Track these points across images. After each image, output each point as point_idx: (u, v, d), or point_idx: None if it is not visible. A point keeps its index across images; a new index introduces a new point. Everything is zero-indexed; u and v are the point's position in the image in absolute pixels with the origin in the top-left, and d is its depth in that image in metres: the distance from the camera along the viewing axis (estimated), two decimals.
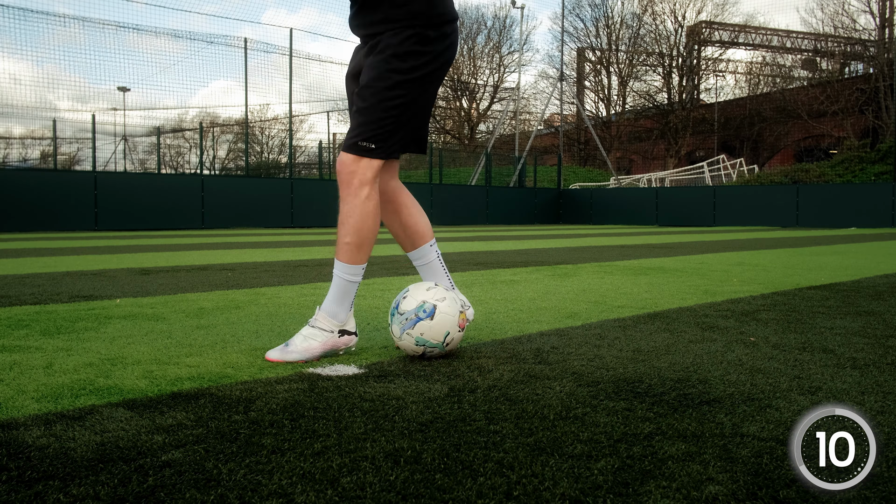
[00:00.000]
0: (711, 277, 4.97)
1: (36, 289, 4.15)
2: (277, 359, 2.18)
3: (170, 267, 5.82)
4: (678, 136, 42.45)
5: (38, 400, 1.73)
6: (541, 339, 2.58)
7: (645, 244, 10.19)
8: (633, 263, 6.30)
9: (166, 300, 3.65)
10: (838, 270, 5.54)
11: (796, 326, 2.86)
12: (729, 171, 31.89)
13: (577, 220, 27.56)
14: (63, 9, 30.80)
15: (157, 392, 1.81)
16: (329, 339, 2.24)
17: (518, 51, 41.00)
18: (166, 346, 2.43)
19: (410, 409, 1.67)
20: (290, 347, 2.21)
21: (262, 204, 19.63)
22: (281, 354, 2.19)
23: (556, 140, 37.94)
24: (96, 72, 25.01)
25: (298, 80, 28.95)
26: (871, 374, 2.04)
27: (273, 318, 3.07)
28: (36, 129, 22.95)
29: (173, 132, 33.08)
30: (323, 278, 4.84)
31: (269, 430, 1.50)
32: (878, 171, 25.71)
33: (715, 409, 1.67)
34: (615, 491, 1.19)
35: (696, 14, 43.19)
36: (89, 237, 12.78)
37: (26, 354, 2.27)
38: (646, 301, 3.66)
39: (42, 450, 1.37)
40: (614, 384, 1.90)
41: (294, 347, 2.21)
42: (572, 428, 1.52)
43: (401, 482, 1.22)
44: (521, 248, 8.89)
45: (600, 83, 46.52)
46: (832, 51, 38.68)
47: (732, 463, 1.32)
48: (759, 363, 2.18)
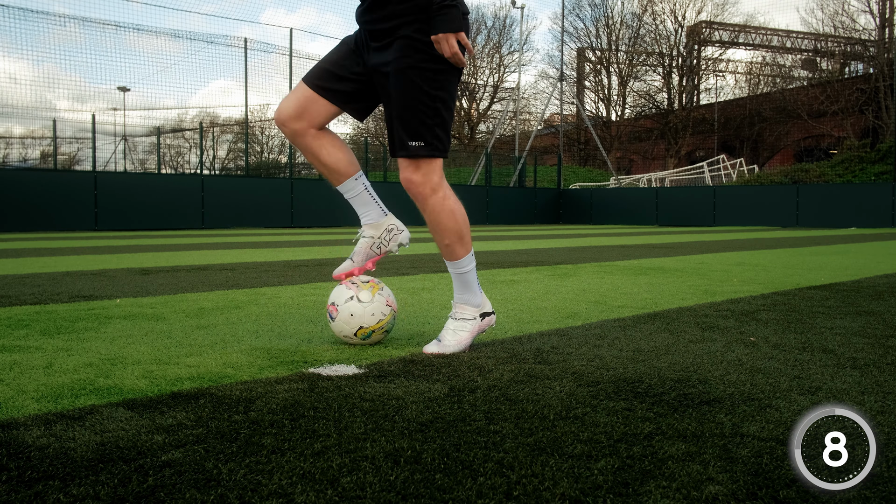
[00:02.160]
0: (711, 277, 4.97)
1: (36, 289, 4.15)
2: (436, 352, 2.30)
3: (170, 267, 5.82)
4: (678, 136, 42.44)
5: (38, 400, 1.73)
6: (541, 339, 2.58)
7: (645, 244, 10.19)
8: (633, 263, 6.30)
9: (166, 300, 3.65)
10: (838, 270, 5.54)
11: (796, 326, 2.86)
12: (729, 171, 31.89)
13: (577, 220, 27.56)
14: (62, 9, 30.78)
15: (157, 392, 1.81)
16: (475, 325, 2.40)
17: (518, 51, 41.01)
18: (166, 346, 2.43)
19: (410, 409, 1.67)
20: (444, 342, 2.34)
21: (262, 204, 19.62)
22: (438, 348, 2.32)
23: (556, 140, 37.93)
24: (96, 72, 25.04)
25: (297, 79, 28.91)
26: (871, 374, 2.04)
27: (273, 318, 3.07)
28: (36, 128, 22.98)
29: (173, 132, 33.11)
30: (323, 278, 4.84)
31: (269, 430, 1.50)
32: (878, 171, 25.70)
33: (715, 409, 1.67)
34: (615, 491, 1.19)
35: (696, 14, 43.21)
36: (89, 237, 12.78)
37: (26, 354, 2.27)
38: (646, 301, 3.66)
39: (42, 450, 1.37)
40: (614, 384, 1.90)
41: (447, 342, 2.34)
42: (572, 428, 1.52)
43: (401, 482, 1.22)
44: (521, 248, 8.89)
45: (600, 83, 46.53)
46: (832, 51, 38.68)
47: (732, 463, 1.32)
48: (759, 363, 2.18)
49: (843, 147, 30.74)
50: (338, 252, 8.00)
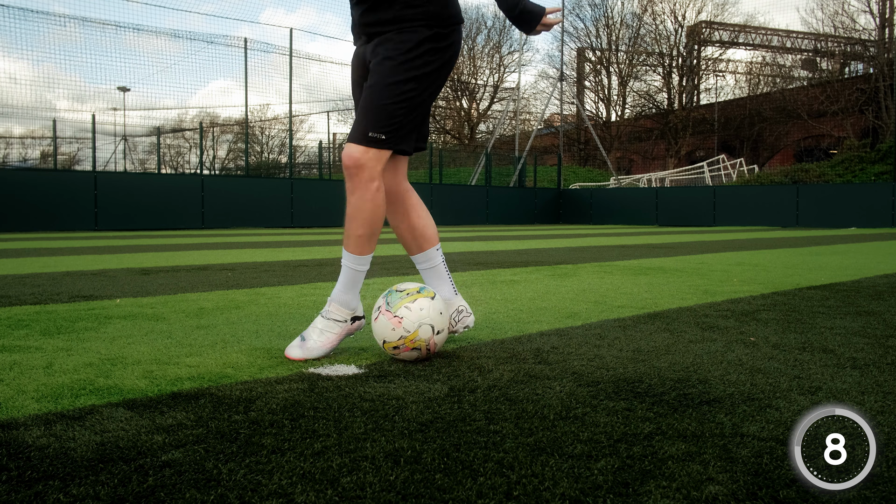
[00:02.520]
0: (711, 277, 4.97)
1: (36, 289, 4.15)
2: (299, 357, 2.22)
3: (170, 267, 5.82)
4: (678, 136, 42.44)
5: (38, 400, 1.73)
6: (541, 339, 2.58)
7: (645, 244, 10.19)
8: (633, 263, 6.30)
9: (166, 300, 3.65)
10: (838, 270, 5.54)
11: (796, 326, 2.86)
12: (729, 171, 31.89)
13: (577, 220, 27.56)
14: (62, 9, 30.81)
15: (157, 392, 1.81)
16: (344, 328, 2.33)
17: (518, 51, 41.02)
18: (166, 346, 2.43)
19: (410, 409, 1.67)
20: (310, 344, 2.25)
21: (262, 204, 19.63)
22: (303, 353, 2.23)
23: (556, 140, 37.93)
24: (96, 72, 25.01)
25: (297, 79, 28.96)
26: (871, 374, 2.04)
27: (273, 318, 3.07)
28: (36, 128, 22.98)
29: (173, 132, 33.09)
30: (323, 278, 4.84)
31: (269, 430, 1.50)
32: (878, 171, 25.70)
33: (715, 409, 1.67)
34: (615, 491, 1.19)
35: (696, 14, 43.20)
36: (89, 237, 12.78)
37: (26, 354, 2.27)
38: (646, 301, 3.66)
39: (42, 450, 1.37)
40: (614, 384, 1.90)
41: (313, 344, 2.26)
42: (572, 428, 1.52)
43: (401, 482, 1.22)
44: (521, 248, 8.89)
45: (600, 83, 46.53)
46: (832, 51, 38.67)
47: (732, 463, 1.32)
48: (759, 363, 2.18)
49: (843, 147, 30.75)
50: (337, 252, 8.00)
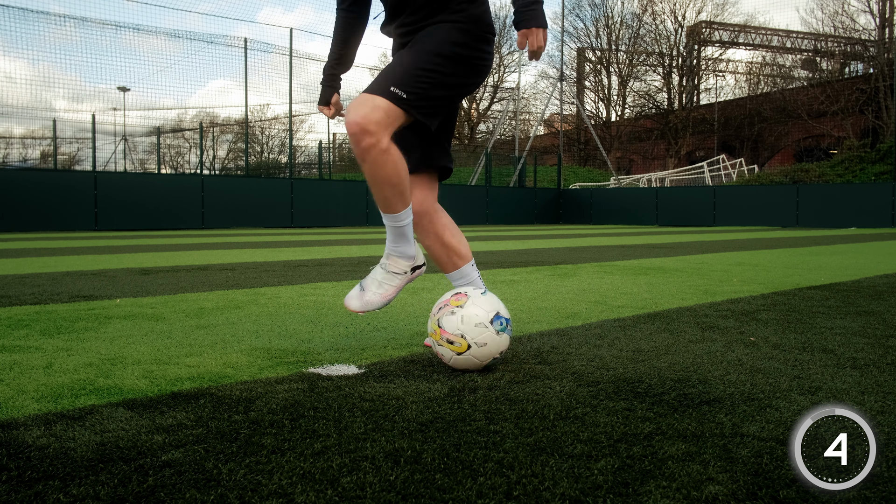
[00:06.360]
0: (711, 277, 4.97)
1: (36, 289, 4.15)
2: (357, 309, 2.21)
3: (170, 267, 5.82)
4: (678, 136, 42.46)
5: (38, 400, 1.73)
6: (541, 339, 2.58)
7: (645, 244, 10.19)
8: (633, 263, 6.30)
9: (166, 300, 3.65)
10: (838, 270, 5.54)
11: (796, 326, 2.86)
12: (729, 171, 31.89)
13: (577, 220, 27.56)
14: (61, 8, 30.82)
15: (157, 392, 1.81)
16: (403, 280, 2.29)
17: (518, 51, 40.97)
18: (166, 346, 2.43)
19: (410, 409, 1.67)
20: (368, 296, 2.23)
21: (262, 204, 19.62)
22: (362, 305, 2.22)
23: (556, 140, 37.94)
24: (95, 72, 25.07)
25: (297, 79, 28.90)
26: (871, 374, 2.04)
27: (273, 318, 3.07)
28: (36, 129, 22.98)
29: (173, 132, 33.10)
30: (323, 278, 4.84)
31: (269, 430, 1.50)
32: (878, 171, 25.70)
33: (715, 409, 1.67)
34: (615, 491, 1.19)
35: (696, 14, 43.26)
36: (89, 237, 12.78)
37: (26, 354, 2.27)
38: (646, 301, 3.66)
39: (42, 450, 1.37)
40: (614, 384, 1.90)
41: (372, 297, 2.23)
42: (572, 428, 1.52)
43: (401, 482, 1.22)
44: (521, 248, 8.89)
45: (600, 83, 46.56)
46: (832, 51, 38.68)
47: (732, 463, 1.32)
48: (759, 363, 2.18)
49: (843, 147, 30.74)
50: (337, 252, 8.01)
